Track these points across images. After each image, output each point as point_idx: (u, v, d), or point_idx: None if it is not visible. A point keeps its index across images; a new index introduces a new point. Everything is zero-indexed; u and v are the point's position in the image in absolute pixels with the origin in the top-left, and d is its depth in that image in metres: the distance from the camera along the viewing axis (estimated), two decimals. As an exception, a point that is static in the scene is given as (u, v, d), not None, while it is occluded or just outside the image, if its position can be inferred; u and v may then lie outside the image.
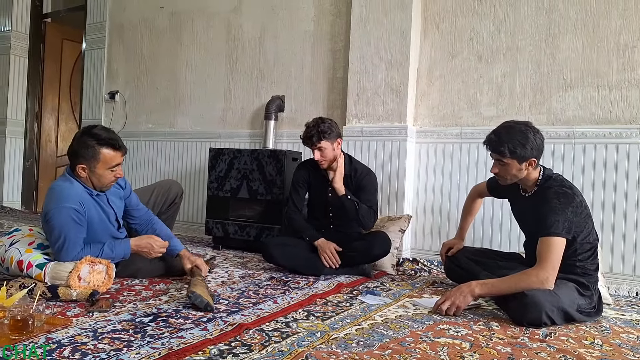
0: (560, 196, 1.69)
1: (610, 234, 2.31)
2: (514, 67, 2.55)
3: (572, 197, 1.70)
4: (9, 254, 1.80)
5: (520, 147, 1.70)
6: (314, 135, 2.24)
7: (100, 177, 1.81)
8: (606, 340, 1.51)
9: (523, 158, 1.72)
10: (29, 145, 4.68)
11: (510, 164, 1.74)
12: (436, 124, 2.75)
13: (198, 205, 3.56)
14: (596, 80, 2.38)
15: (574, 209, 1.67)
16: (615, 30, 2.33)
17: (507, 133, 1.74)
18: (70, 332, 1.33)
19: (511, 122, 1.82)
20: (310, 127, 2.27)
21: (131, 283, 1.95)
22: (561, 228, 1.64)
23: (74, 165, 1.81)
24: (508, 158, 1.73)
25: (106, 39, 4.05)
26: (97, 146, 1.77)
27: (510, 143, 1.71)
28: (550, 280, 1.62)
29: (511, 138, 1.72)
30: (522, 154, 1.71)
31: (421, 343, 1.40)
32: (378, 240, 2.27)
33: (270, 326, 1.47)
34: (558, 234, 1.64)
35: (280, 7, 3.24)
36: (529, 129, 1.74)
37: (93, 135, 1.78)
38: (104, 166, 1.79)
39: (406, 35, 2.67)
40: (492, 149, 1.79)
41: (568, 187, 1.73)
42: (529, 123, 1.78)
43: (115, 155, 1.81)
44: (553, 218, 1.65)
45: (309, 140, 2.27)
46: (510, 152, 1.71)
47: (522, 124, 1.76)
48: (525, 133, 1.72)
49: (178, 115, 3.69)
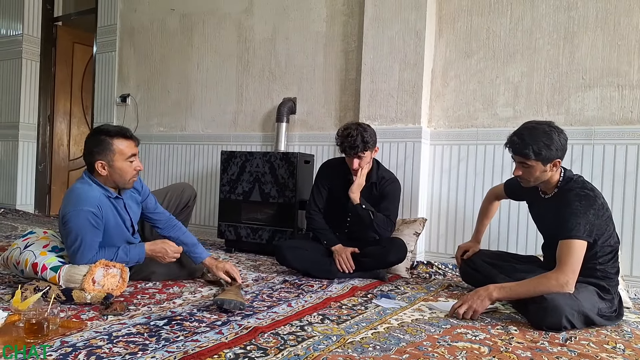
0: (582, 198, 1.65)
1: (630, 236, 2.26)
2: (532, 67, 2.50)
3: (594, 199, 1.66)
4: (23, 256, 1.80)
5: (545, 148, 1.66)
6: (359, 145, 2.15)
7: (121, 171, 1.81)
8: (628, 344, 1.48)
9: (548, 159, 1.68)
10: (42, 149, 4.73)
11: (534, 166, 1.70)
12: (451, 125, 2.71)
13: (210, 208, 3.55)
14: (616, 79, 2.32)
15: (595, 211, 1.64)
16: (637, 28, 2.28)
17: (531, 134, 1.69)
18: (85, 336, 1.32)
19: (533, 122, 1.77)
20: (354, 137, 2.14)
21: (145, 286, 1.95)
22: (582, 231, 1.60)
23: (92, 165, 1.81)
24: (532, 160, 1.69)
25: (117, 42, 4.08)
26: (108, 139, 1.79)
27: (535, 144, 1.67)
28: (570, 284, 1.58)
29: (535, 139, 1.67)
30: (547, 155, 1.67)
31: (439, 347, 1.37)
32: (394, 246, 2.24)
33: (285, 330, 1.45)
34: (579, 237, 1.60)
35: (291, 8, 3.23)
36: (552, 129, 1.69)
37: (102, 131, 1.81)
38: (121, 157, 1.80)
39: (420, 35, 2.64)
40: (515, 152, 1.73)
41: (590, 189, 1.69)
42: (552, 123, 1.73)
43: (129, 144, 1.82)
44: (574, 221, 1.61)
45: (352, 149, 2.16)
46: (535, 154, 1.67)
47: (544, 124, 1.71)
48: (549, 134, 1.68)
49: (189, 118, 3.70)
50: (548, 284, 1.59)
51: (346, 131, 2.19)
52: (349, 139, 2.16)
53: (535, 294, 1.61)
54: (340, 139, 2.20)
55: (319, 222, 2.36)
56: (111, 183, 1.84)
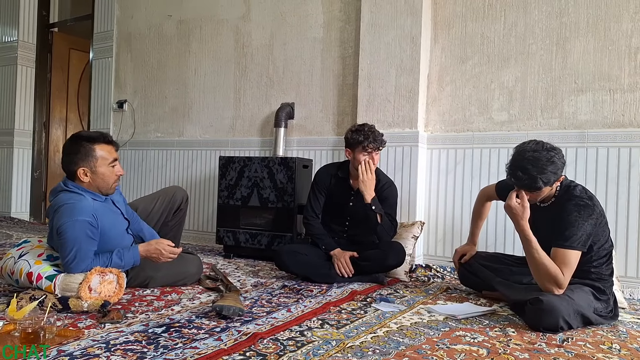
0: (580, 209, 1.66)
1: (624, 237, 2.28)
2: (525, 72, 2.53)
3: (592, 208, 1.67)
4: (18, 265, 1.78)
5: (553, 175, 1.64)
6: (383, 142, 2.24)
7: (104, 177, 1.80)
8: (624, 344, 1.50)
9: (553, 183, 1.68)
10: (37, 156, 4.70)
11: (543, 190, 1.69)
12: (447, 129, 2.73)
13: (208, 214, 3.54)
14: (608, 83, 2.35)
15: (593, 221, 1.65)
16: (626, 33, 2.32)
17: (535, 166, 1.62)
18: (82, 344, 1.31)
19: (527, 148, 1.68)
20: (376, 132, 2.23)
21: (142, 293, 1.94)
22: (577, 242, 1.63)
23: (73, 172, 1.79)
24: (543, 189, 1.67)
25: (114, 48, 4.07)
26: (89, 144, 1.78)
27: (543, 175, 1.62)
28: (562, 285, 1.63)
29: (542, 170, 1.62)
30: (555, 179, 1.66)
31: (438, 350, 1.38)
32: (392, 250, 2.25)
33: (284, 335, 1.45)
34: (574, 248, 1.63)
35: (288, 14, 3.25)
36: (552, 153, 1.64)
37: (82, 137, 1.81)
38: (103, 163, 1.79)
39: (416, 40, 2.67)
40: (525, 188, 1.67)
41: (588, 198, 1.69)
42: (546, 145, 1.67)
43: (110, 149, 1.82)
44: (572, 231, 1.63)
45: (375, 142, 2.20)
46: (545, 184, 1.64)
47: (543, 151, 1.64)
48: (552, 160, 1.63)
49: (187, 123, 3.70)
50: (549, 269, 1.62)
51: (366, 126, 2.25)
52: (372, 133, 2.21)
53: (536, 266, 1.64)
54: (363, 133, 2.20)
55: (316, 227, 2.36)
56: (94, 189, 1.82)
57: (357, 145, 2.21)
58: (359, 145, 2.21)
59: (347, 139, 2.28)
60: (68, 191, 1.79)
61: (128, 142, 3.90)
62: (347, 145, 2.28)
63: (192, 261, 2.14)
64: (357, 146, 2.22)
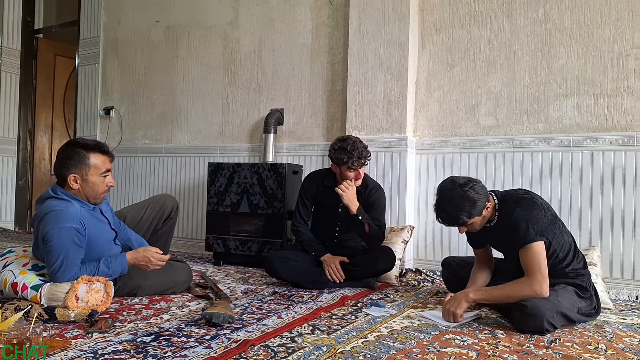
0: (520, 203, 1.71)
1: (609, 239, 2.32)
2: (511, 77, 2.57)
3: (532, 200, 1.73)
4: (2, 276, 1.75)
5: (472, 207, 1.69)
6: (366, 156, 2.18)
7: (94, 186, 1.79)
8: (610, 344, 1.53)
9: (480, 211, 1.72)
10: (22, 164, 4.62)
11: (474, 221, 1.74)
12: (435, 134, 2.76)
13: (197, 221, 3.52)
14: (592, 88, 2.40)
15: (538, 211, 1.69)
16: (609, 40, 2.37)
17: (452, 206, 1.70)
18: (69, 355, 1.29)
19: (445, 187, 1.75)
20: (359, 149, 2.16)
21: (131, 302, 1.91)
22: (533, 233, 1.66)
23: (63, 177, 1.77)
24: (470, 221, 1.72)
25: (100, 54, 4.04)
26: (85, 152, 1.77)
27: (462, 213, 1.69)
28: (544, 289, 1.63)
29: (459, 208, 1.69)
30: (477, 210, 1.71)
31: (428, 354, 1.39)
32: (382, 255, 2.26)
33: (275, 342, 1.44)
34: (533, 240, 1.65)
35: (277, 20, 3.26)
36: (465, 189, 1.69)
37: (78, 143, 1.80)
38: (95, 172, 1.78)
39: (404, 46, 2.70)
40: (450, 225, 1.80)
41: (524, 193, 1.77)
42: (462, 180, 1.72)
43: (104, 159, 1.81)
44: (523, 226, 1.66)
45: (360, 160, 2.16)
46: (469, 216, 1.71)
47: (456, 188, 1.70)
48: (466, 196, 1.68)
49: (175, 130, 3.68)
50: (522, 290, 1.64)
51: (349, 143, 2.17)
52: (356, 151, 2.16)
53: (510, 299, 1.66)
54: (346, 152, 2.15)
55: (305, 234, 2.36)
56: (82, 197, 1.80)
57: (342, 165, 2.20)
58: (343, 165, 2.20)
59: (331, 157, 2.24)
60: (55, 198, 1.77)
61: (115, 149, 3.85)
62: (332, 162, 2.25)
63: (181, 269, 2.12)
64: (342, 165, 2.20)
